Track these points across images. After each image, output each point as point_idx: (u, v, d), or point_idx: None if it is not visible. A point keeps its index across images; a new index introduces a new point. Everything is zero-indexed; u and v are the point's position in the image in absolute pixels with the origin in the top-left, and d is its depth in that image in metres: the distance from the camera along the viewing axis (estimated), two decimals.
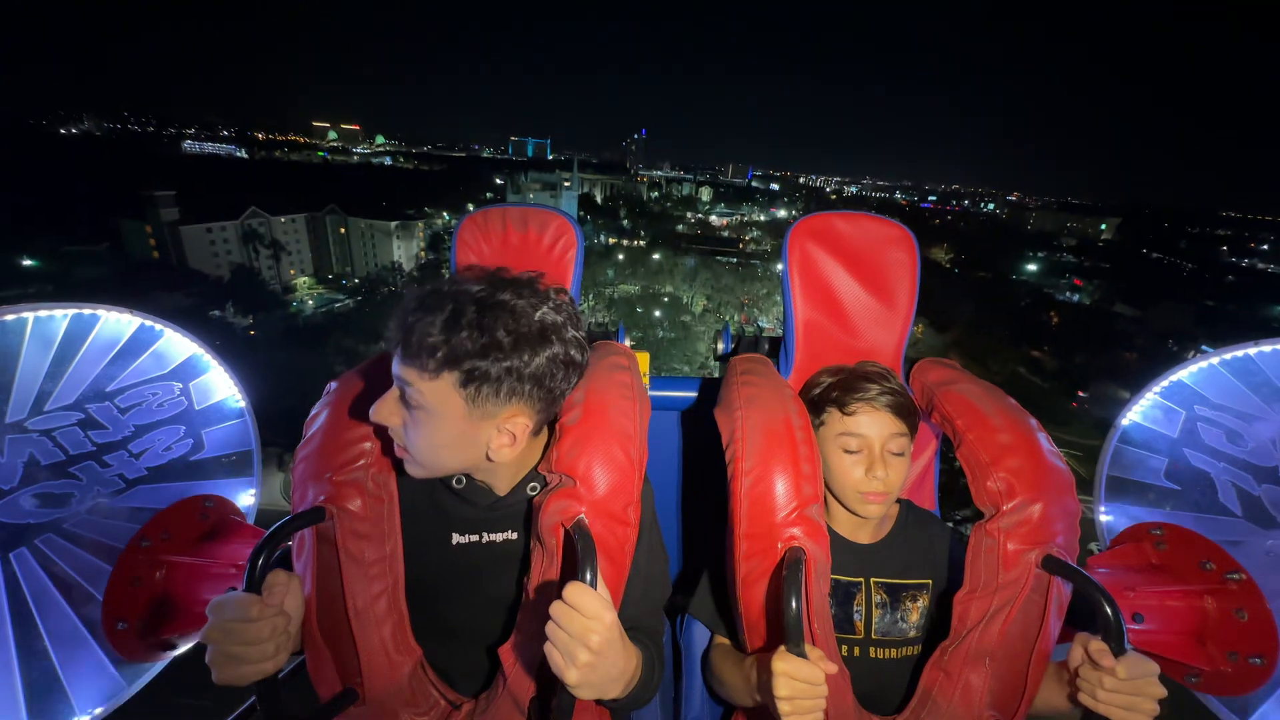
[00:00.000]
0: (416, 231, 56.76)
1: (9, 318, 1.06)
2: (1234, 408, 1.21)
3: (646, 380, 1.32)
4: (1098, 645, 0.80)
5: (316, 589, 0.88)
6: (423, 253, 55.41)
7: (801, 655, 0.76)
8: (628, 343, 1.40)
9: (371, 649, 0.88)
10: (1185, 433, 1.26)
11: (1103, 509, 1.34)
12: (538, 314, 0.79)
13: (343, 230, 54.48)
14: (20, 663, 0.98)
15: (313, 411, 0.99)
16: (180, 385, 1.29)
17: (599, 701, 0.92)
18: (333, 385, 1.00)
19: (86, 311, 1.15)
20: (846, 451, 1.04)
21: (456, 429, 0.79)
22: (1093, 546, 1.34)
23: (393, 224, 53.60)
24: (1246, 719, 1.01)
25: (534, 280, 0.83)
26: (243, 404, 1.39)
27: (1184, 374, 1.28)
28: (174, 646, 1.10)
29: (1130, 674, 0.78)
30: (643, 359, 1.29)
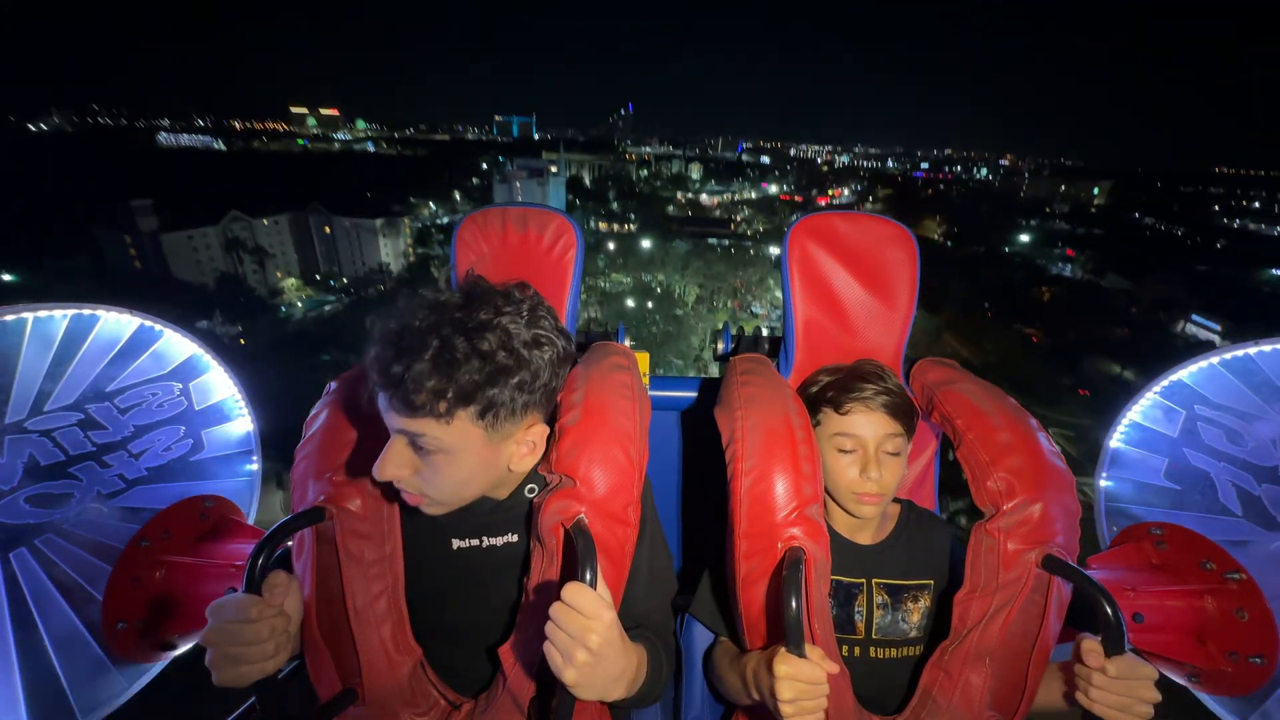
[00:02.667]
0: (403, 228, 55.46)
1: (9, 318, 1.05)
2: (1234, 407, 1.21)
3: (646, 380, 1.32)
4: (1089, 644, 0.81)
5: (316, 589, 0.88)
6: (410, 249, 54.16)
7: (802, 655, 0.76)
8: (628, 343, 1.40)
9: (371, 649, 0.88)
10: (1185, 432, 1.26)
11: (1103, 508, 1.34)
12: (524, 321, 0.77)
13: (327, 230, 52.80)
14: (20, 663, 0.98)
15: (313, 411, 0.99)
16: (180, 385, 1.29)
17: (604, 701, 0.92)
18: (332, 385, 1.00)
19: (86, 312, 1.15)
20: (841, 451, 1.04)
21: (479, 459, 0.79)
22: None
23: (378, 222, 52.32)
24: (1246, 719, 1.01)
25: (499, 288, 0.80)
26: (242, 403, 1.39)
27: (1184, 374, 1.28)
28: (174, 646, 1.10)
29: (1121, 673, 0.78)
30: (642, 359, 1.29)
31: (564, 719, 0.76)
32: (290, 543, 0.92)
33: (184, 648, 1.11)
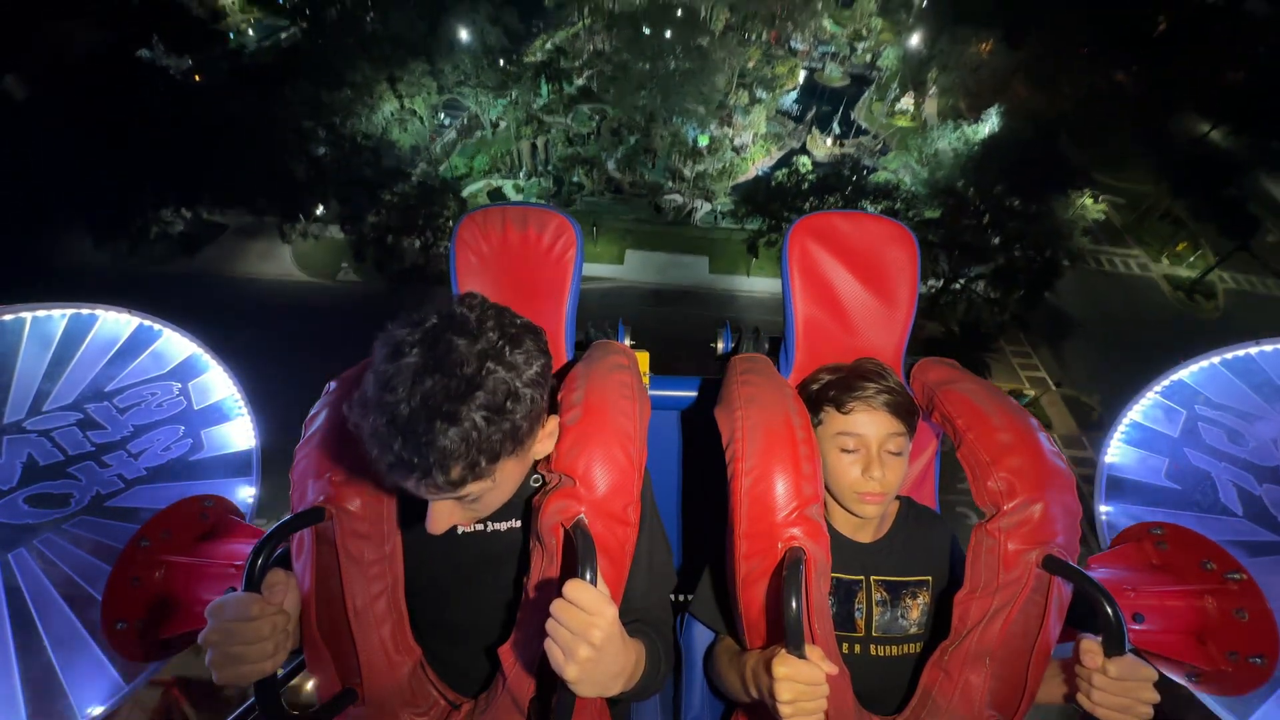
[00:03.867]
0: None
1: (7, 318, 1.05)
2: (1235, 407, 1.21)
3: (646, 380, 1.32)
4: (1089, 644, 0.81)
5: (316, 589, 0.88)
6: None
7: (801, 656, 0.76)
8: (628, 342, 1.40)
9: (371, 649, 0.88)
10: (1186, 432, 1.26)
11: (1103, 509, 1.34)
12: (504, 348, 0.72)
13: None
14: (20, 663, 0.98)
15: (312, 411, 0.99)
16: (179, 385, 1.29)
17: (603, 697, 0.92)
18: (332, 385, 1.00)
19: (85, 311, 1.15)
20: (843, 451, 1.04)
21: (517, 474, 0.83)
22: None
23: None
24: (1246, 719, 1.01)
25: (456, 322, 0.72)
26: (242, 403, 1.39)
27: (1184, 373, 1.28)
28: (174, 646, 1.10)
29: (1120, 674, 0.78)
30: (643, 359, 1.29)
31: (564, 717, 0.76)
32: (289, 543, 0.92)
33: (183, 648, 1.11)
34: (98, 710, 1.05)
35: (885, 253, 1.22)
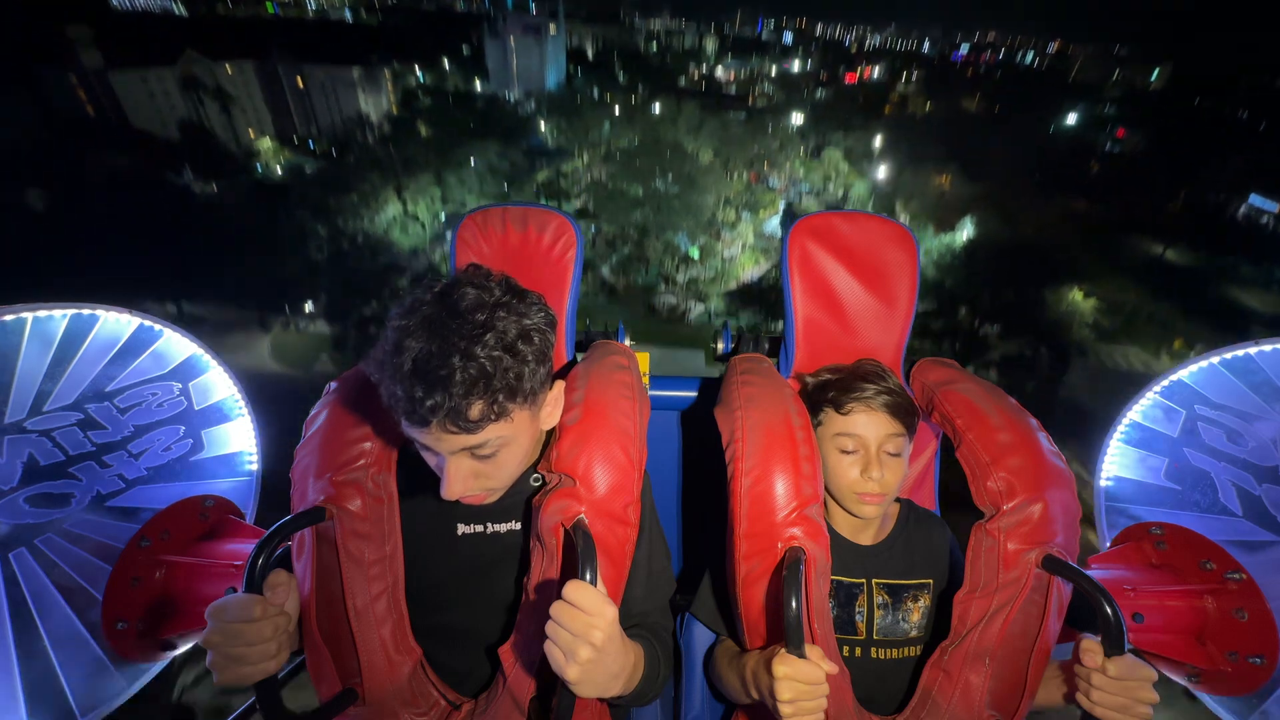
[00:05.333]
0: (384, 82, 48.21)
1: (8, 318, 1.05)
2: (1234, 407, 1.21)
3: (646, 380, 1.32)
4: (1088, 644, 0.81)
5: (316, 589, 0.88)
6: (394, 108, 46.36)
7: (801, 656, 0.76)
8: (628, 342, 1.40)
9: (371, 649, 0.88)
10: (1185, 432, 1.26)
11: (1103, 509, 1.34)
12: (510, 299, 0.76)
13: (300, 82, 45.26)
14: (20, 663, 0.98)
15: (313, 411, 0.99)
16: (180, 385, 1.29)
17: (602, 699, 0.92)
18: (332, 385, 1.00)
19: (85, 311, 1.15)
20: (843, 452, 1.04)
21: (530, 435, 0.83)
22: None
23: (355, 71, 45.38)
24: (1246, 719, 1.01)
25: (467, 281, 0.76)
26: (242, 403, 1.39)
27: (1184, 373, 1.28)
28: (174, 646, 1.10)
29: (1120, 674, 0.78)
30: (643, 359, 1.29)
31: (565, 717, 0.76)
32: (289, 543, 0.92)
33: (184, 648, 1.11)
34: (98, 710, 1.05)
35: (885, 253, 1.23)
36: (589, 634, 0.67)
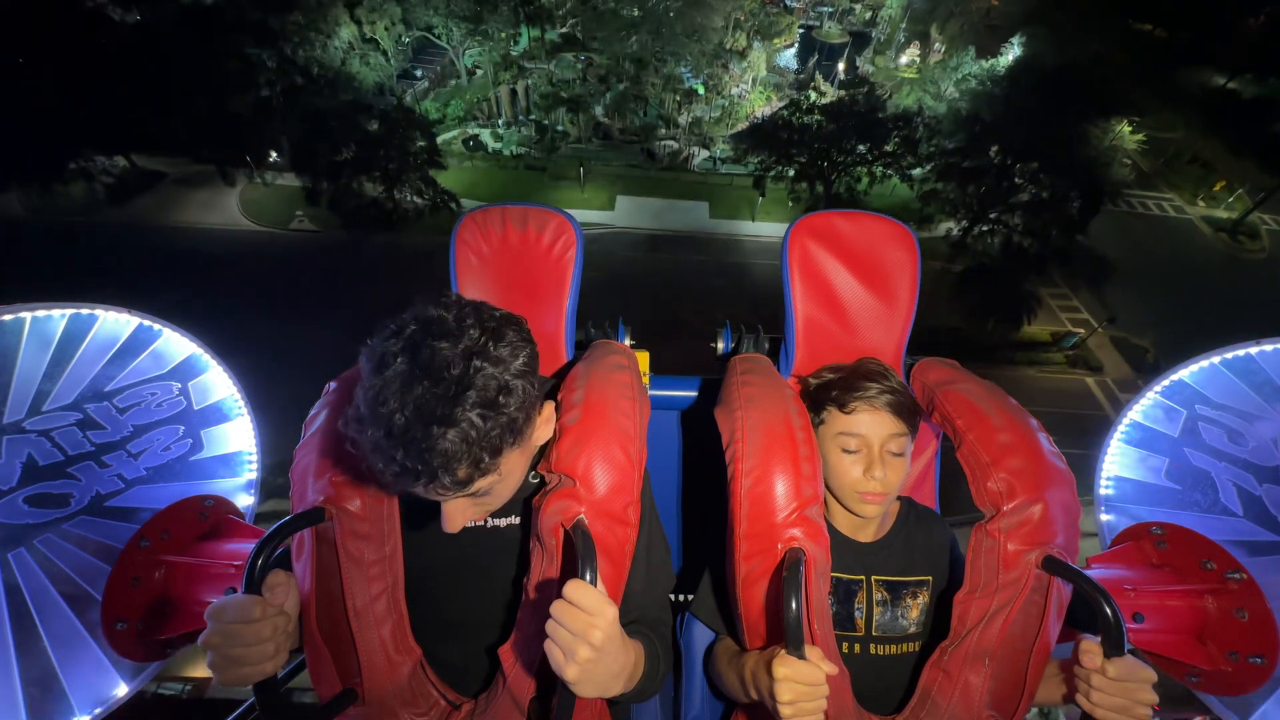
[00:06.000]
0: None
1: (6, 318, 1.05)
2: (1235, 407, 1.21)
3: (646, 380, 1.32)
4: (1088, 645, 0.81)
5: (316, 589, 0.88)
6: None
7: (801, 657, 0.76)
8: (628, 341, 1.40)
9: (371, 649, 0.88)
10: (1186, 432, 1.26)
11: (1103, 509, 1.34)
12: (489, 343, 0.71)
13: None
14: (20, 663, 0.98)
15: (312, 412, 0.99)
16: (179, 385, 1.29)
17: (603, 697, 0.92)
18: (332, 385, 1.00)
19: (84, 311, 1.15)
20: (845, 451, 1.04)
21: (523, 463, 0.83)
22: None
23: None
24: (1246, 719, 1.01)
25: (434, 324, 0.71)
26: (241, 403, 1.39)
27: (1185, 373, 1.28)
28: (173, 646, 1.10)
29: (1120, 675, 0.78)
30: (643, 358, 1.29)
31: (565, 717, 0.76)
32: (289, 543, 0.92)
33: (183, 648, 1.11)
34: (98, 710, 1.05)
35: (885, 252, 1.22)
36: (589, 634, 0.67)
